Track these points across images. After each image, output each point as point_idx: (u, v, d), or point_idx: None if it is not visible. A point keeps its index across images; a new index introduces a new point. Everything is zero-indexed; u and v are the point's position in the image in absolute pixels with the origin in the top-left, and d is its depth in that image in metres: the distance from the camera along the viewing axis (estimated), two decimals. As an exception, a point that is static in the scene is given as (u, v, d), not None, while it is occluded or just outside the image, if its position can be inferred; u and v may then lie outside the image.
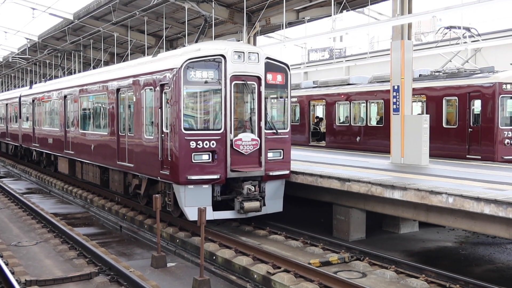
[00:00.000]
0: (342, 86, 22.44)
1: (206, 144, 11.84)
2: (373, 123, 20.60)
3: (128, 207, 16.15)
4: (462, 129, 16.74)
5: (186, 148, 11.74)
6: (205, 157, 11.84)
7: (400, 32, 15.56)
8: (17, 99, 29.39)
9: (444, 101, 17.34)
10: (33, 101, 25.86)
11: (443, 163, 15.09)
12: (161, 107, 12.58)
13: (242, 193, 12.07)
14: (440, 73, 18.35)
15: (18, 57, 48.62)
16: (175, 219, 13.55)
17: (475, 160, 16.00)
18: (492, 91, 15.98)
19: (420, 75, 18.83)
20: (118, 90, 15.38)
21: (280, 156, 12.80)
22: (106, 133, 16.28)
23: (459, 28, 19.82)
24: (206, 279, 9.29)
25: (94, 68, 36.27)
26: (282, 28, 24.38)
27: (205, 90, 12.16)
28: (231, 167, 12.01)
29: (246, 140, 12.19)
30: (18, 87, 61.57)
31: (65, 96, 20.66)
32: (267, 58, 12.58)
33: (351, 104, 21.45)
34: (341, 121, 22.30)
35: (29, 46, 42.31)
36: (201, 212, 9.36)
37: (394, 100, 15.52)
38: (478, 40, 20.81)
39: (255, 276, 9.65)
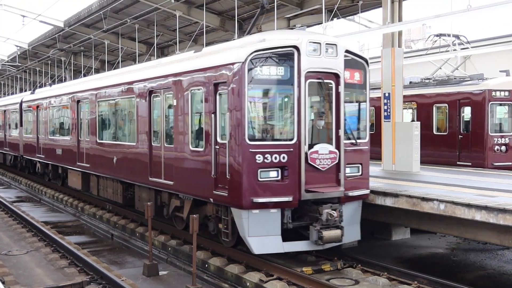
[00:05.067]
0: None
1: (276, 158, 9.64)
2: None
3: (119, 215, 16.08)
4: (452, 136, 16.85)
5: (251, 163, 9.56)
6: (274, 174, 9.69)
7: (391, 39, 15.68)
8: (18, 105, 26.80)
9: (434, 108, 17.46)
10: (37, 107, 23.19)
11: (434, 169, 15.17)
12: (214, 112, 10.35)
13: (319, 219, 9.85)
14: (431, 80, 18.50)
15: (8, 65, 48.42)
16: (168, 227, 13.49)
17: (466, 166, 16.10)
18: (482, 98, 16.11)
19: (410, 82, 18.96)
20: (150, 92, 13.01)
21: (358, 171, 10.65)
22: (134, 144, 13.82)
23: (449, 35, 20.00)
24: (199, 287, 9.26)
25: (85, 75, 36.12)
26: (273, 36, 24.40)
27: (274, 90, 10.05)
28: (306, 187, 9.82)
29: (323, 153, 9.95)
30: (8, 94, 61.26)
31: (78, 101, 18.05)
32: (346, 51, 10.40)
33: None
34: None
35: (19, 53, 42.17)
36: (193, 220, 9.32)
37: (385, 107, 15.61)
38: (467, 48, 20.98)
39: (248, 284, 9.63)
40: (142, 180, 13.40)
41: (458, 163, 16.53)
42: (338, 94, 10.21)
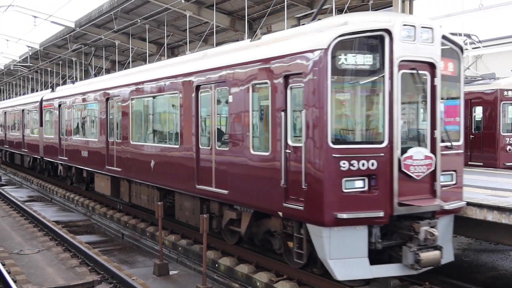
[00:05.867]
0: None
1: (363, 165, 8.07)
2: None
3: (130, 214, 16.14)
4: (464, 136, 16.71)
5: (335, 170, 8.00)
6: (359, 184, 8.12)
7: (401, 39, 15.59)
8: (37, 104, 25.08)
9: (445, 107, 17.34)
10: (59, 105, 21.44)
11: (445, 169, 15.06)
12: (284, 110, 8.77)
13: (414, 238, 8.26)
14: (441, 80, 18.37)
15: (20, 65, 48.85)
16: (178, 227, 13.51)
17: (477, 166, 15.98)
18: (494, 98, 15.99)
19: (421, 82, 18.84)
20: (197, 87, 11.32)
21: (452, 180, 9.02)
22: (177, 146, 12.17)
23: (460, 35, 19.85)
24: (209, 287, 9.28)
25: (96, 75, 36.32)
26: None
27: (361, 83, 8.40)
28: (399, 199, 8.19)
29: (418, 159, 8.32)
30: (19, 95, 61.75)
31: (107, 98, 16.25)
32: (443, 36, 8.71)
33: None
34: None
35: (30, 54, 42.52)
36: (203, 219, 9.34)
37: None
38: (479, 47, 20.83)
39: (258, 283, 9.63)
40: (187, 187, 11.80)
41: (469, 163, 16.40)
42: (433, 87, 8.57)
